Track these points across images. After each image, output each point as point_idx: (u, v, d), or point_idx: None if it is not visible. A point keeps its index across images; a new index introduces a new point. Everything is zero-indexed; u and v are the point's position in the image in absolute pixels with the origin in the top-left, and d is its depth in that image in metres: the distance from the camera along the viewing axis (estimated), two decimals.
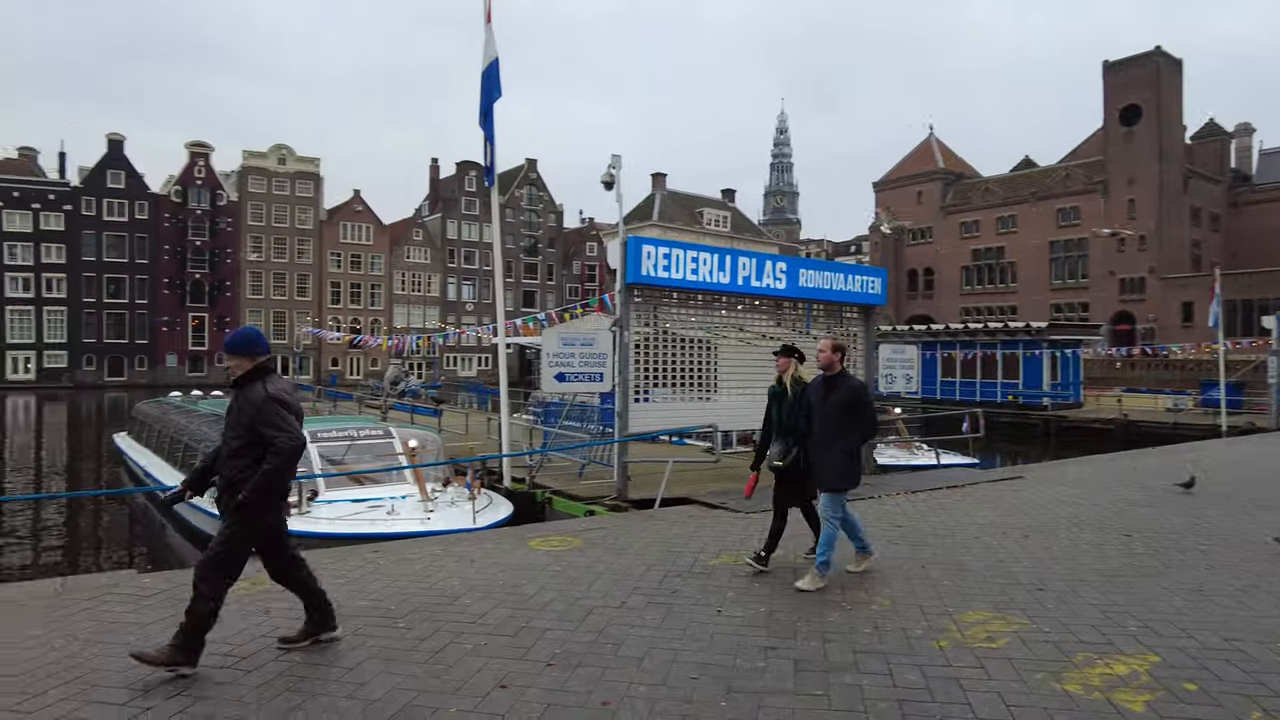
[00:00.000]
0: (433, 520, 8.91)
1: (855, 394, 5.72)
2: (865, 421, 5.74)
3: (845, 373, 5.89)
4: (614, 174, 11.77)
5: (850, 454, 5.70)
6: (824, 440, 5.72)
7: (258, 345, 4.37)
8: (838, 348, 5.87)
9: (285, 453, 4.09)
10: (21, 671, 4.04)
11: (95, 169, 61.80)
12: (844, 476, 5.69)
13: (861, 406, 5.71)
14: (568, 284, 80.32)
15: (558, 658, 4.27)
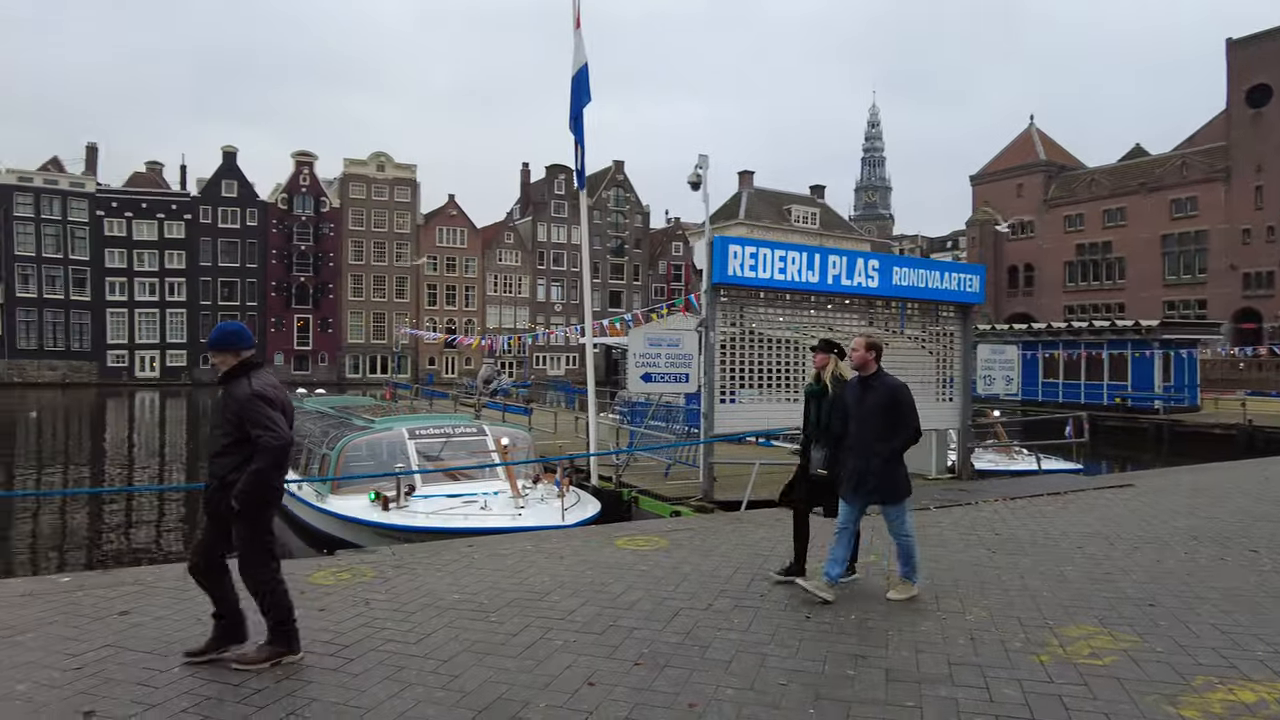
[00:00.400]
0: (523, 516, 9.12)
1: (892, 395, 5.29)
2: (905, 425, 5.29)
3: (882, 373, 5.47)
4: (701, 174, 11.75)
5: (891, 461, 5.28)
6: (862, 447, 5.33)
7: (242, 340, 4.27)
8: (872, 345, 5.46)
9: (272, 451, 4.01)
10: (154, 648, 4.35)
11: (211, 180, 65.80)
12: (896, 485, 5.34)
13: (900, 409, 5.29)
14: (653, 284, 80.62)
15: (645, 657, 4.31)
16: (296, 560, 6.81)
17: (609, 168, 77.88)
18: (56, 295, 61.89)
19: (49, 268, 61.69)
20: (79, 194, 62.61)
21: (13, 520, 15.38)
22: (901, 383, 5.43)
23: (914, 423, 5.32)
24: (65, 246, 62.05)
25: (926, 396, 11.42)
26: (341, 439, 11.33)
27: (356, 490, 10.19)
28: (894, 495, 5.35)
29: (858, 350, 5.45)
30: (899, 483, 5.34)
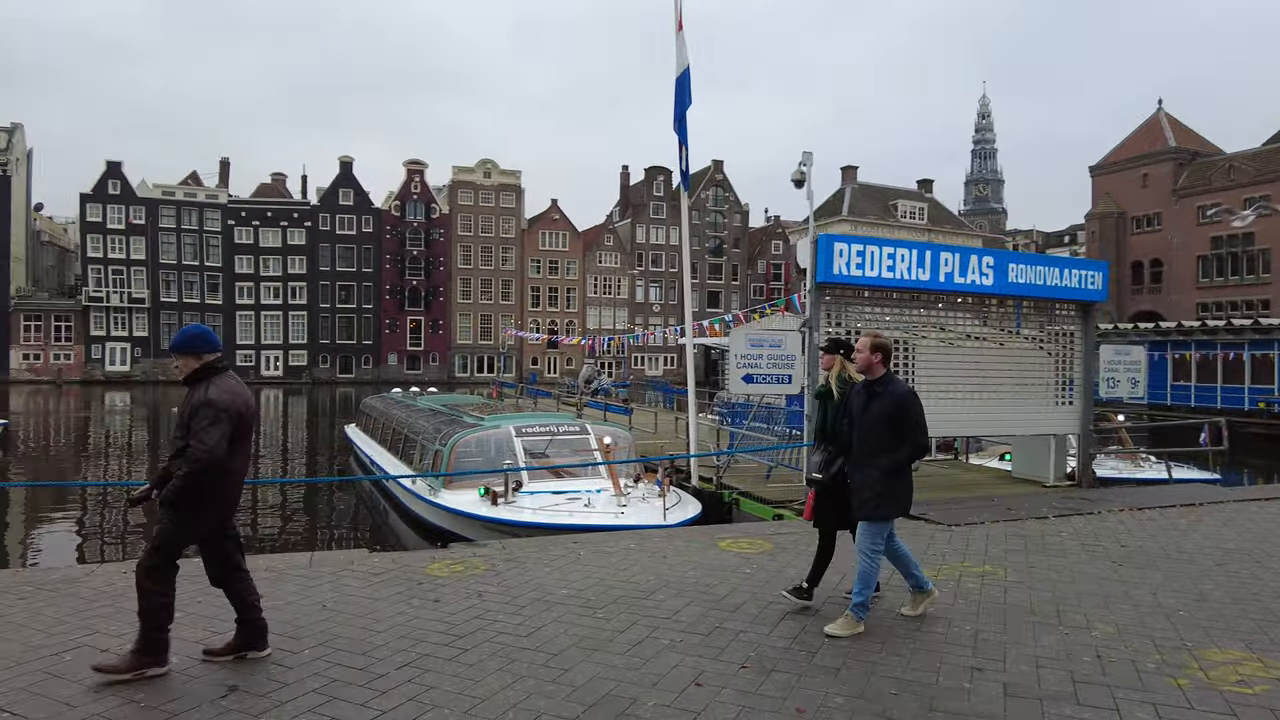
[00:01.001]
0: (625, 515, 9.23)
1: (898, 403, 4.76)
2: (910, 435, 4.73)
3: (889, 377, 4.94)
4: (804, 171, 11.59)
5: (892, 473, 4.74)
6: (862, 456, 4.85)
7: (202, 344, 4.18)
8: (878, 347, 4.93)
9: (200, 461, 3.90)
10: (285, 631, 4.64)
11: (329, 189, 69.52)
12: (884, 501, 4.75)
13: (905, 417, 4.74)
14: (752, 283, 79.91)
15: (752, 660, 4.29)
16: (413, 552, 7.14)
17: (708, 167, 77.69)
18: (193, 300, 66.80)
19: (188, 274, 66.67)
20: (213, 205, 67.39)
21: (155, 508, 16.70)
22: (909, 389, 4.93)
23: (919, 437, 4.76)
24: (201, 254, 66.91)
25: (1044, 400, 10.89)
26: (453, 436, 11.76)
27: (467, 485, 10.56)
28: (878, 512, 4.77)
29: (861, 352, 4.97)
30: (891, 501, 4.78)
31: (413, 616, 4.95)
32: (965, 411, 10.54)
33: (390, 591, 5.50)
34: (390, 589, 5.56)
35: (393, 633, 4.65)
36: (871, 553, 4.80)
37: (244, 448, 4.26)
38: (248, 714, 3.58)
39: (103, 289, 64.59)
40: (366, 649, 4.38)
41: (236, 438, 4.11)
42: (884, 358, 4.96)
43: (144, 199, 65.47)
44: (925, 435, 4.82)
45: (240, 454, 4.22)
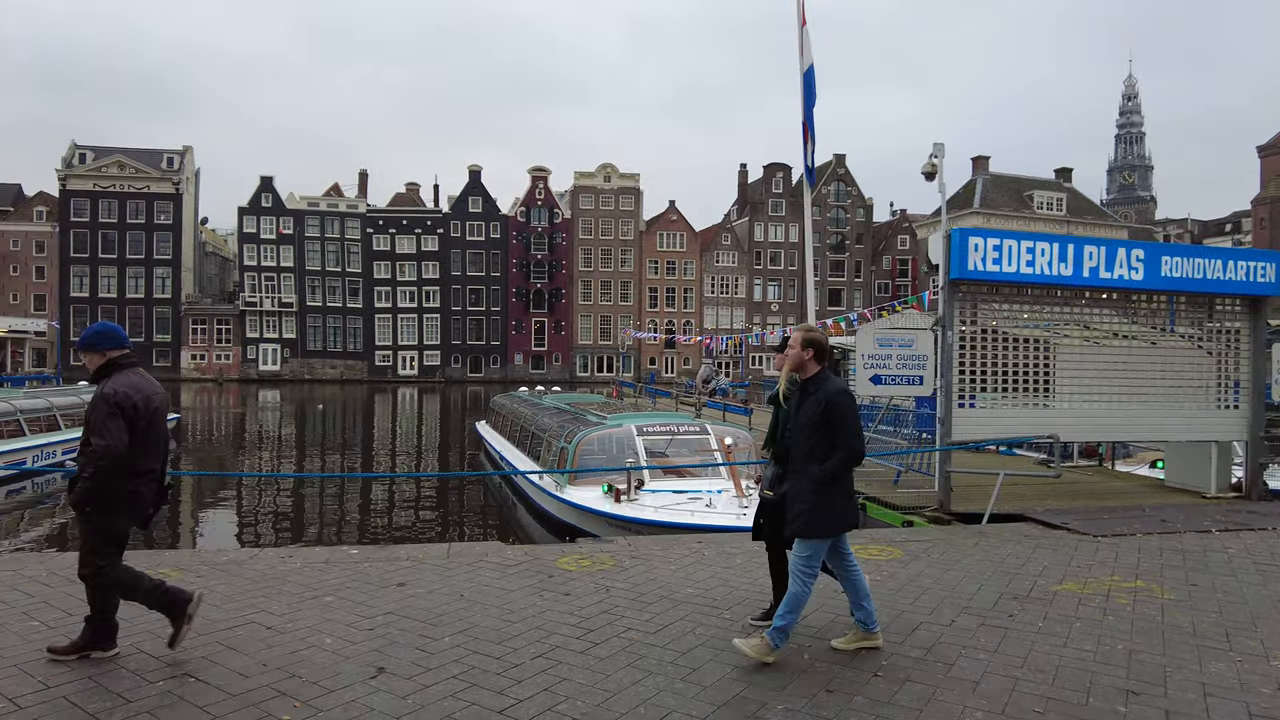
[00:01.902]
0: (748, 516, 9.15)
1: (827, 404, 4.22)
2: (842, 440, 4.19)
3: (822, 376, 4.39)
4: (935, 163, 11.16)
5: (824, 484, 4.18)
6: (796, 464, 4.34)
7: (106, 340, 4.16)
8: (809, 342, 4.40)
9: (101, 459, 3.85)
10: (427, 618, 4.90)
11: (459, 196, 72.68)
12: (815, 515, 4.18)
13: (835, 419, 4.20)
14: (876, 280, 77.53)
15: (884, 669, 4.18)
16: (543, 546, 7.37)
17: (829, 162, 76.01)
18: (336, 304, 71.40)
19: (330, 280, 71.32)
20: (353, 214, 71.79)
21: (303, 496, 17.99)
22: (843, 388, 4.36)
23: (852, 441, 4.20)
24: (343, 261, 71.43)
25: (1203, 403, 10.03)
26: (577, 434, 12.05)
27: (591, 482, 10.79)
28: (809, 528, 4.20)
29: (793, 348, 4.44)
30: (824, 515, 4.20)
31: (544, 609, 5.11)
32: (1111, 415, 9.86)
33: (523, 583, 5.70)
34: (522, 581, 5.76)
35: (526, 624, 4.82)
36: (804, 575, 4.22)
37: (151, 443, 4.14)
38: (395, 695, 3.79)
39: (257, 295, 70.06)
40: (502, 638, 4.56)
41: (140, 432, 4.04)
42: (817, 354, 4.41)
43: (292, 210, 70.55)
44: (859, 440, 4.25)
45: (147, 450, 4.12)
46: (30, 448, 17.64)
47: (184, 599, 4.21)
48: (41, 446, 18.06)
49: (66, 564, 6.18)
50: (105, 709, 3.61)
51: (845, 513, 4.31)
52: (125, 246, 68.34)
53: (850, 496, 4.37)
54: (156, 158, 70.65)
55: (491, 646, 4.44)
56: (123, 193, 68.39)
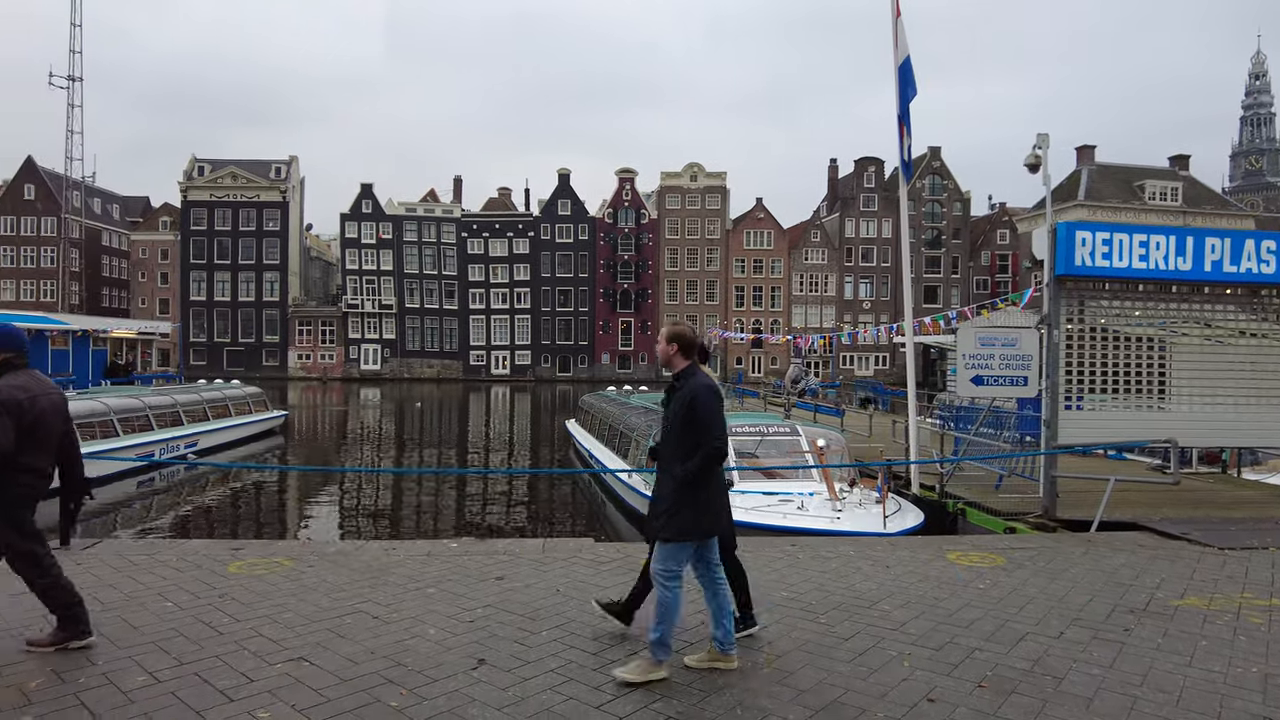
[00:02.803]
0: (842, 520, 9.00)
1: (691, 400, 4.03)
2: (703, 438, 3.97)
3: (689, 371, 4.19)
4: (1039, 154, 10.69)
5: (687, 485, 3.98)
6: (662, 464, 4.17)
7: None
8: (674, 336, 4.25)
9: None
10: (524, 612, 5.02)
11: (549, 200, 74.01)
12: (674, 518, 4.00)
13: (698, 417, 4.00)
14: (974, 276, 74.74)
15: (989, 680, 4.04)
16: (635, 544, 7.42)
17: (924, 154, 73.67)
18: (433, 305, 73.84)
19: (427, 282, 73.80)
20: (449, 219, 74.07)
21: (403, 490, 18.68)
22: (708, 384, 4.12)
23: (713, 440, 3.98)
24: (439, 264, 73.81)
25: None
26: None
27: None
28: (666, 532, 4.02)
29: (659, 343, 4.33)
30: (685, 518, 4.00)
31: None
32: (1237, 419, 9.21)
33: (617, 580, 5.76)
34: (617, 578, 5.83)
35: (621, 621, 4.86)
36: (668, 580, 4.03)
37: (37, 442, 4.20)
38: (495, 686, 3.91)
39: (358, 297, 73.15)
40: (597, 634, 4.62)
41: (25, 430, 4.11)
42: (682, 348, 4.24)
43: (391, 216, 73.34)
44: (720, 438, 4.01)
45: (37, 450, 4.20)
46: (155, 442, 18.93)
47: (83, 629, 4.33)
48: (168, 440, 19.37)
49: (194, 550, 6.61)
50: (232, 686, 3.85)
51: (709, 516, 4.06)
52: (238, 252, 72.55)
53: (711, 501, 4.09)
54: (265, 168, 74.72)
55: (587, 642, 4.51)
56: (236, 202, 72.62)
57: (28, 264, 72.37)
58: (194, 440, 20.74)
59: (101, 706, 3.64)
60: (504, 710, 3.64)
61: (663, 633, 4.01)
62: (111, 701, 3.69)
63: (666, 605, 4.02)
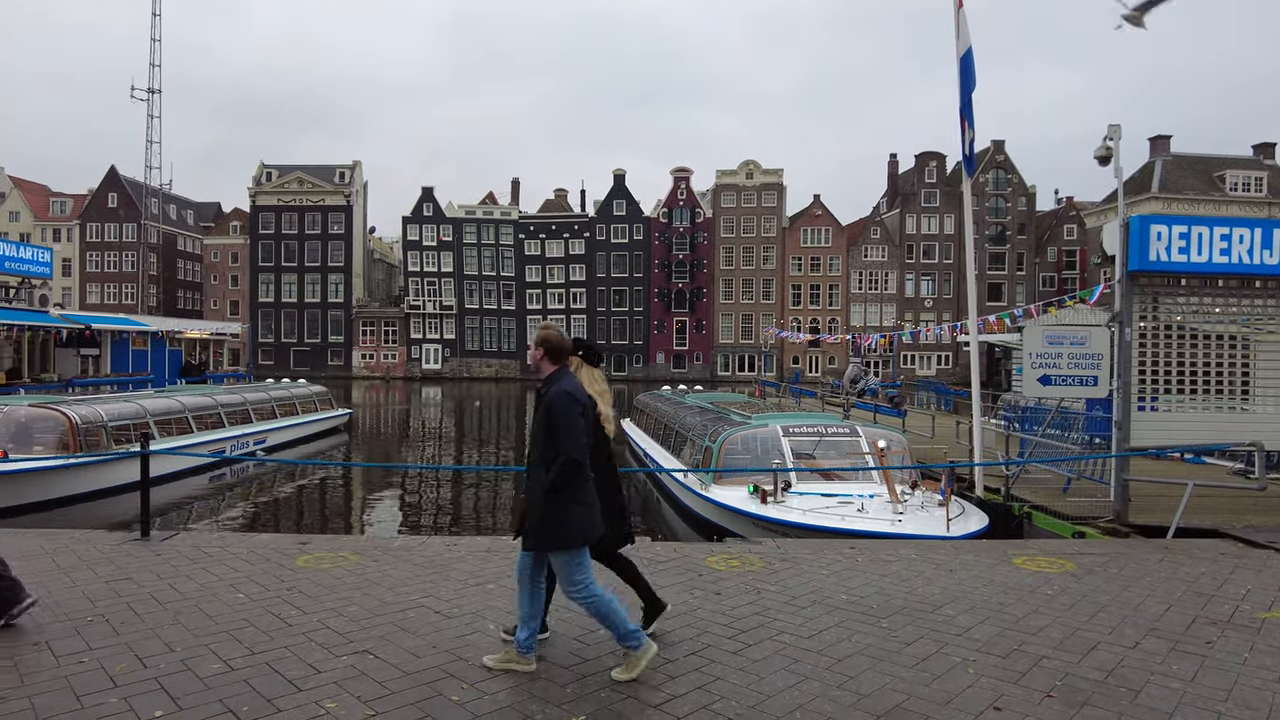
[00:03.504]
0: (903, 523, 8.83)
1: (548, 407, 3.96)
2: (560, 447, 3.86)
3: (555, 376, 4.12)
4: (1110, 146, 10.29)
5: (550, 495, 3.90)
6: (530, 473, 4.09)
7: None
8: (542, 341, 4.18)
9: None
10: (583, 611, 5.04)
11: (604, 201, 74.36)
12: (540, 527, 3.94)
13: (552, 424, 3.92)
14: (1040, 273, 72.47)
15: (1059, 690, 3.91)
16: (691, 544, 7.40)
17: (987, 148, 71.73)
18: (491, 306, 74.91)
19: (486, 283, 74.92)
20: (506, 221, 75.04)
21: (462, 486, 18.98)
22: (564, 391, 3.99)
23: (567, 447, 3.86)
24: (497, 265, 74.84)
25: None
26: (721, 433, 12.03)
27: (735, 482, 10.73)
28: (545, 540, 3.96)
29: (530, 348, 4.28)
30: (551, 527, 3.93)
31: (696, 607, 5.15)
32: None
33: (672, 580, 5.76)
34: (672, 578, 5.82)
35: (678, 620, 4.87)
36: (580, 588, 4.01)
37: None
38: (554, 682, 3.94)
39: (420, 298, 74.64)
40: (656, 633, 4.61)
41: None
42: (549, 353, 4.18)
43: (450, 219, 74.64)
44: (577, 446, 3.90)
45: None
46: (226, 439, 19.64)
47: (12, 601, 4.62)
48: (238, 437, 20.08)
49: (263, 544, 6.84)
50: (300, 676, 3.97)
51: (572, 528, 3.96)
52: (304, 255, 74.75)
53: (584, 507, 4.00)
54: (329, 172, 76.81)
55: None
56: (301, 206, 74.83)
57: (111, 268, 75.85)
58: (263, 437, 21.44)
59: (179, 691, 3.79)
60: (563, 707, 3.67)
61: (620, 632, 4.04)
62: (189, 687, 3.84)
63: (599, 609, 4.04)
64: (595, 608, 4.04)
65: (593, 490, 4.09)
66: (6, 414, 14.36)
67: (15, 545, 6.63)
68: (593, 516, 4.06)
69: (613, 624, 4.04)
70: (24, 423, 14.38)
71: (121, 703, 3.67)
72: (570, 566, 4.02)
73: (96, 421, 15.04)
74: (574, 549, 4.00)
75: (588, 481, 4.04)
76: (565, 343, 4.24)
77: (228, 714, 3.57)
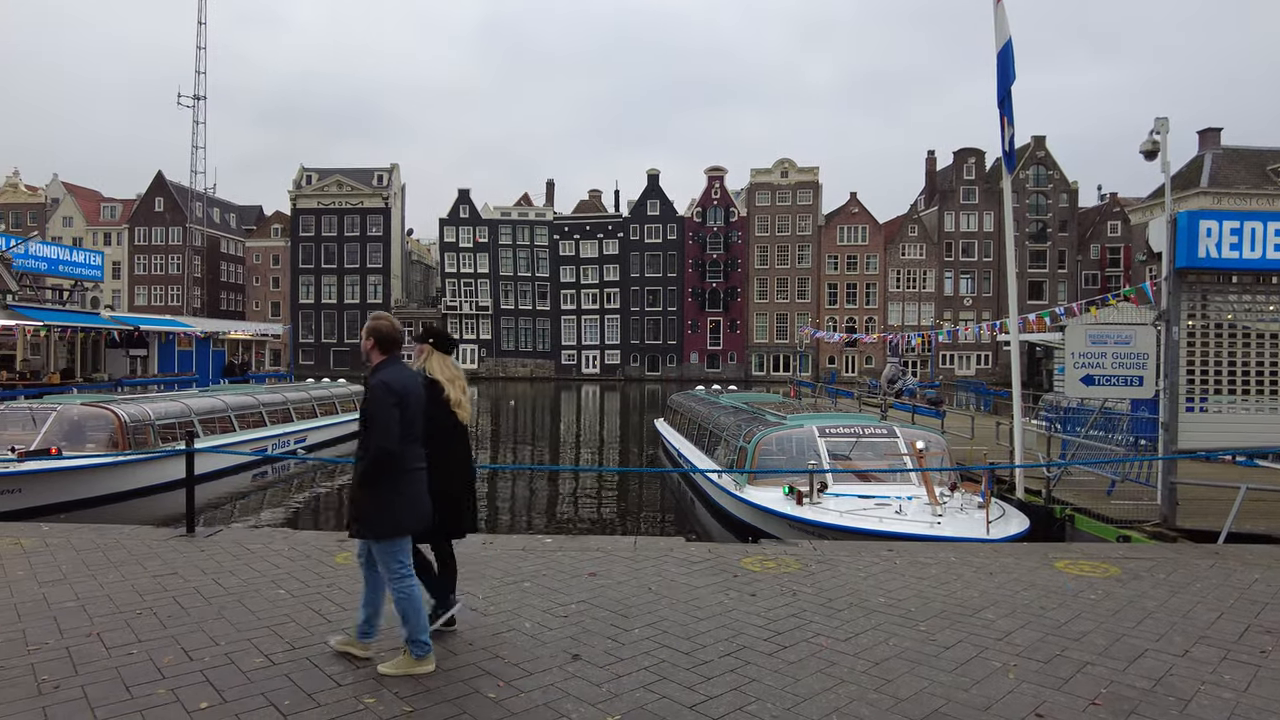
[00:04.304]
0: (942, 525, 8.69)
1: (367, 396, 4.00)
2: (373, 436, 3.90)
3: (381, 365, 4.12)
4: (1158, 140, 10.06)
5: (366, 486, 3.95)
6: (357, 462, 4.10)
7: None
8: (371, 330, 4.18)
9: None
10: (617, 609, 5.05)
11: (638, 201, 74.43)
12: (356, 516, 4.02)
13: (367, 415, 3.96)
14: (1083, 271, 70.94)
15: (1104, 698, 3.81)
16: (726, 544, 7.37)
17: (1027, 144, 70.42)
18: (526, 306, 75.42)
19: (521, 284, 75.44)
20: (541, 222, 75.49)
21: (497, 485, 19.13)
22: (380, 382, 3.98)
23: (379, 438, 3.87)
24: (532, 266, 75.33)
25: None
26: (756, 434, 11.96)
27: (770, 483, 10.66)
28: (368, 529, 4.01)
29: (363, 338, 4.27)
30: (368, 516, 3.97)
31: (731, 608, 5.12)
32: None
33: (708, 580, 5.74)
34: (708, 578, 5.81)
35: (713, 621, 4.85)
36: (398, 577, 4.05)
37: None
38: (589, 681, 3.95)
39: (456, 299, 75.42)
40: (690, 634, 4.62)
41: None
42: (379, 343, 4.17)
43: (486, 220, 75.30)
44: (389, 437, 3.88)
45: None
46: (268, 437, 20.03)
47: None
48: (279, 436, 20.47)
49: (304, 540, 6.96)
50: (339, 672, 4.03)
51: (405, 514, 4.01)
52: (343, 257, 75.98)
53: (400, 497, 4.01)
54: (368, 176, 77.96)
55: (680, 641, 4.51)
56: (341, 209, 76.06)
57: (157, 271, 77.84)
58: (303, 436, 21.82)
59: (224, 684, 3.87)
60: (598, 706, 3.68)
61: (415, 632, 4.05)
62: (232, 680, 3.92)
63: (403, 606, 4.06)
64: (405, 602, 4.05)
65: (414, 480, 4.09)
66: (60, 413, 14.80)
67: (69, 540, 6.84)
68: (412, 507, 4.08)
69: (412, 623, 4.07)
70: (76, 421, 14.81)
71: (169, 694, 3.76)
72: (387, 555, 4.06)
73: (144, 420, 15.44)
74: (388, 539, 4.03)
75: (406, 472, 4.04)
76: (396, 333, 4.25)
77: (269, 708, 3.64)
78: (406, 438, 3.99)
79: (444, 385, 4.46)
